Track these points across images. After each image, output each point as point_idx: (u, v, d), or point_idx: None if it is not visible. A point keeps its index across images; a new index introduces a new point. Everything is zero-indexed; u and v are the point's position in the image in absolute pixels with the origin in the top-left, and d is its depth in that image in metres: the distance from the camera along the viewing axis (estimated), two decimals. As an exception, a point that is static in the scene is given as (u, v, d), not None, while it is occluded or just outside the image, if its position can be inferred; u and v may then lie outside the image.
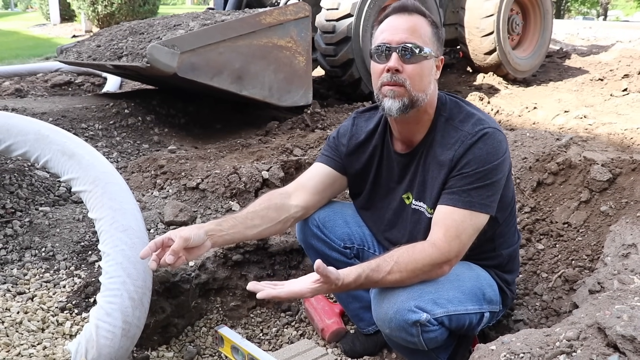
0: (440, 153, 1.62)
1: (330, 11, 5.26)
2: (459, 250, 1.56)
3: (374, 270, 1.50)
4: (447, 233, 1.54)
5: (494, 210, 1.60)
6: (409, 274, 1.51)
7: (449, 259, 1.55)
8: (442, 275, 1.57)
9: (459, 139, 1.60)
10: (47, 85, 6.00)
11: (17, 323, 1.87)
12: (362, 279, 1.48)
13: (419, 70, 1.58)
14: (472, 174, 1.56)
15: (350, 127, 1.87)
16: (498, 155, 1.57)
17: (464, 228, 1.55)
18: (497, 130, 1.61)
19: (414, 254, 1.52)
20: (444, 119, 1.66)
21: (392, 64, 1.57)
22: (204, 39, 3.68)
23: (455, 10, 6.84)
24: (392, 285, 1.53)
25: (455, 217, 1.56)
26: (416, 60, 1.57)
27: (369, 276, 1.49)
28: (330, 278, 1.41)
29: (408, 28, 1.58)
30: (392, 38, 1.58)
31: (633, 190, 2.22)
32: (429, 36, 1.60)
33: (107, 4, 11.85)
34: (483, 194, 1.56)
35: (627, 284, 1.60)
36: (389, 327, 1.54)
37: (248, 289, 1.48)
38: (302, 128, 4.15)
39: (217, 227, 1.65)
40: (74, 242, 2.36)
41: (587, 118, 4.79)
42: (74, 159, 2.14)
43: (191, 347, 2.14)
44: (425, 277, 1.55)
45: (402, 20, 1.60)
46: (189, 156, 3.29)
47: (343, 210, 1.94)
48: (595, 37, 11.20)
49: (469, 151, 1.57)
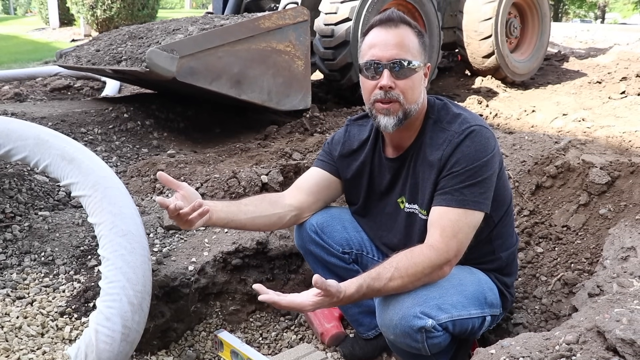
0: (429, 154, 1.64)
1: (329, 15, 5.27)
2: (457, 249, 1.56)
3: (375, 278, 1.49)
4: (444, 233, 1.54)
5: (488, 207, 1.60)
6: (411, 278, 1.51)
7: (448, 259, 1.55)
8: (444, 277, 1.57)
9: (446, 139, 1.61)
10: (46, 89, 6.00)
11: (16, 328, 1.87)
12: (364, 289, 1.48)
13: (411, 84, 1.60)
14: (463, 172, 1.57)
15: (343, 135, 1.90)
16: (486, 151, 1.58)
17: (459, 227, 1.55)
18: (484, 127, 1.62)
19: (412, 258, 1.52)
20: (432, 122, 1.68)
21: (384, 82, 1.58)
22: (203, 43, 3.68)
23: (454, 14, 6.86)
24: (395, 291, 1.53)
25: (450, 217, 1.56)
26: (407, 75, 1.58)
27: (370, 285, 1.49)
28: (330, 292, 1.41)
29: (397, 43, 1.58)
30: (382, 54, 1.58)
31: (632, 193, 2.23)
32: (416, 48, 1.61)
33: (106, 8, 11.86)
34: (475, 191, 1.57)
35: (627, 287, 1.60)
36: (393, 334, 1.54)
37: (254, 287, 1.48)
38: (301, 132, 4.15)
39: (211, 203, 1.67)
40: (73, 247, 2.36)
41: (585, 121, 4.79)
42: (73, 163, 2.14)
43: (191, 351, 2.13)
44: (427, 280, 1.55)
45: (390, 34, 1.59)
46: (188, 160, 3.29)
47: (341, 216, 1.94)
48: (593, 40, 11.23)
49: (457, 150, 1.58)
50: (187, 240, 2.40)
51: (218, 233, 2.43)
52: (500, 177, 1.69)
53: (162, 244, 2.35)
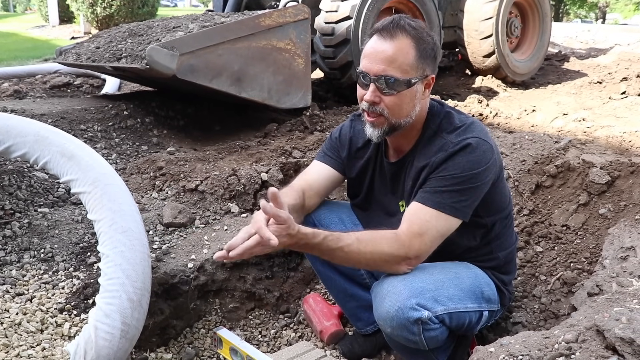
0: (422, 161, 1.64)
1: (330, 14, 5.27)
2: (419, 249, 1.54)
3: (335, 238, 1.50)
4: (410, 228, 1.54)
5: (466, 216, 1.59)
6: (365, 255, 1.51)
7: (407, 256, 1.53)
8: (398, 273, 1.55)
9: (442, 146, 1.60)
10: (45, 86, 5.99)
11: (16, 324, 1.87)
12: (319, 238, 1.48)
13: (397, 101, 1.57)
14: (448, 178, 1.56)
15: (349, 130, 1.90)
16: (479, 164, 1.56)
17: (427, 228, 1.54)
18: (483, 141, 1.59)
19: (376, 237, 1.53)
20: (432, 132, 1.67)
21: (368, 97, 1.58)
22: (203, 41, 3.68)
23: (455, 13, 6.85)
24: (345, 260, 1.53)
25: (421, 214, 1.55)
26: (394, 92, 1.56)
27: (327, 239, 1.48)
28: (282, 217, 1.40)
29: (386, 58, 1.54)
30: (370, 67, 1.57)
31: (631, 193, 2.23)
32: (410, 62, 1.55)
33: (106, 5, 11.84)
34: (456, 197, 1.56)
35: (626, 286, 1.60)
36: (390, 326, 1.54)
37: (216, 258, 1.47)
38: (301, 130, 4.15)
39: None
40: (73, 244, 2.36)
41: (585, 121, 4.79)
42: (73, 160, 2.14)
43: (190, 348, 2.14)
44: (380, 266, 1.55)
45: (383, 46, 1.56)
46: (188, 158, 3.29)
47: (339, 209, 1.96)
48: (593, 40, 11.22)
49: (450, 159, 1.57)
50: (186, 237, 2.40)
51: (218, 230, 2.43)
52: (497, 185, 1.68)
53: (161, 241, 2.36)
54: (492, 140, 1.63)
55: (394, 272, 1.56)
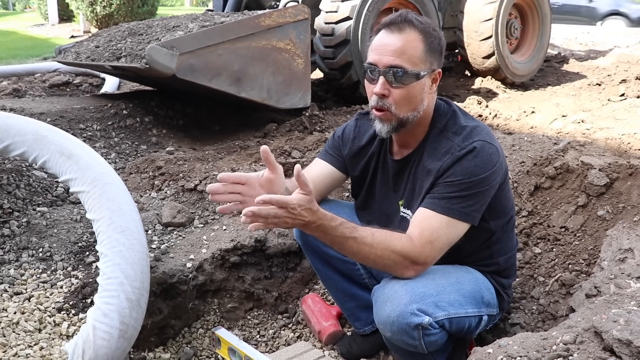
0: (429, 163, 1.63)
1: (330, 14, 5.27)
2: (429, 255, 1.54)
3: (351, 227, 1.50)
4: (421, 235, 1.54)
5: (475, 220, 1.59)
6: (376, 252, 1.51)
7: (417, 261, 1.53)
8: (402, 277, 1.55)
9: (448, 150, 1.60)
10: (45, 85, 5.98)
11: (14, 323, 1.87)
12: (336, 222, 1.48)
13: (406, 94, 1.57)
14: (457, 184, 1.56)
15: (353, 129, 1.89)
16: (486, 168, 1.56)
17: (438, 235, 1.54)
18: (488, 144, 1.59)
19: (391, 237, 1.53)
20: (438, 130, 1.67)
21: (377, 89, 1.57)
22: (203, 40, 3.68)
23: (454, 14, 6.85)
24: (354, 252, 1.53)
25: (431, 221, 1.55)
26: (403, 84, 1.56)
27: (343, 225, 1.49)
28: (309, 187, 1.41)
29: (396, 50, 1.55)
30: (379, 59, 1.57)
31: (630, 195, 2.23)
32: (419, 55, 1.56)
33: (105, 4, 11.82)
34: (464, 202, 1.56)
35: (624, 288, 1.60)
36: (390, 331, 1.54)
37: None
38: (301, 130, 4.15)
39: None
40: (71, 243, 2.36)
41: (584, 123, 4.80)
42: (72, 159, 2.14)
43: (188, 348, 2.14)
44: (388, 266, 1.54)
45: (391, 39, 1.56)
46: (187, 157, 3.29)
47: (340, 209, 1.95)
48: (593, 42, 11.22)
49: (457, 163, 1.56)
50: (185, 237, 2.40)
51: (216, 230, 2.43)
52: (503, 188, 1.68)
53: (160, 241, 2.35)
54: (497, 143, 1.63)
55: (399, 275, 1.56)
